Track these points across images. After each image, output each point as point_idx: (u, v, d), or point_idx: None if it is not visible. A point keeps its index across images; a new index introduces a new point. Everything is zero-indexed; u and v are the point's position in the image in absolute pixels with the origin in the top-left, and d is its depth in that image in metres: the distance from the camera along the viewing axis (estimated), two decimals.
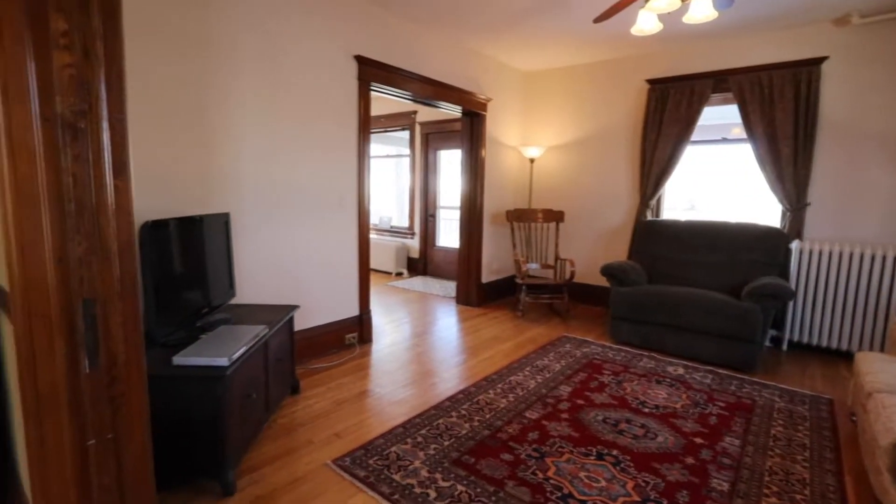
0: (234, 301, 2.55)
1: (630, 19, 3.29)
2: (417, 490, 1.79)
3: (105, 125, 1.12)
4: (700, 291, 3.34)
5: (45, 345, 1.08)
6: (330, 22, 3.08)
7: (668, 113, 4.15)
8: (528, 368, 3.06)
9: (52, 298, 1.07)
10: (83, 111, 1.08)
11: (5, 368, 1.56)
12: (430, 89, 3.93)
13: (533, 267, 4.63)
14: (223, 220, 2.35)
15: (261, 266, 2.81)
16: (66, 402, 1.11)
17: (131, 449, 1.21)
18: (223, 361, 1.67)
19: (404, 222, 6.62)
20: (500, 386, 2.77)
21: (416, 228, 6.38)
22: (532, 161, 5.12)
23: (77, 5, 1.06)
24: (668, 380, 2.92)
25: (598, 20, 2.80)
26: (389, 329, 3.93)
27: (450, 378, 2.92)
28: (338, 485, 1.84)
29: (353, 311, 3.43)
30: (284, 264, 2.95)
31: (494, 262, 5.02)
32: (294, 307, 2.48)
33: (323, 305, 3.20)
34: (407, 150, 6.49)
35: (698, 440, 2.22)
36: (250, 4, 2.64)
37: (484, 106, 4.56)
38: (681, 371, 3.08)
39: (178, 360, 1.69)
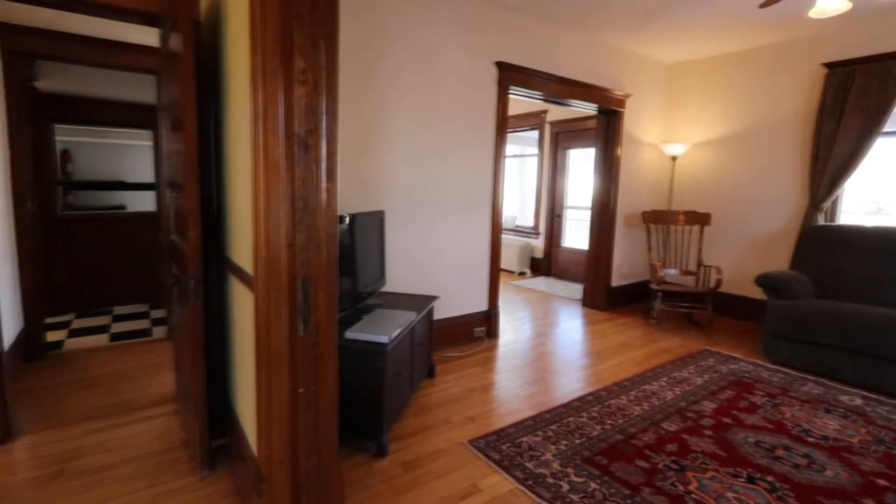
0: (382, 289, 2.90)
1: None
2: (550, 480, 1.87)
3: (324, 141, 1.42)
4: (892, 312, 2.81)
5: (276, 312, 1.41)
6: (473, 32, 3.29)
7: (851, 101, 3.56)
8: (663, 379, 2.92)
9: (283, 276, 1.40)
10: (311, 130, 1.39)
11: (231, 329, 2.03)
12: (566, 89, 3.93)
13: (671, 272, 4.34)
14: (379, 217, 2.70)
15: (403, 258, 3.14)
16: (287, 357, 1.43)
17: (326, 399, 1.51)
18: (384, 339, 1.95)
19: (528, 222, 6.67)
20: (632, 393, 2.70)
21: (542, 228, 6.38)
22: (674, 159, 4.78)
23: (312, 49, 1.36)
24: (842, 410, 2.54)
25: (764, 5, 2.54)
26: (514, 326, 4.04)
27: (576, 379, 2.93)
28: (473, 463, 2.02)
29: (482, 306, 3.62)
30: (423, 258, 3.25)
31: (625, 266, 4.81)
32: (434, 298, 2.74)
33: (455, 298, 3.44)
34: (534, 150, 6.52)
35: (881, 482, 1.92)
36: (404, 20, 2.95)
37: (622, 102, 4.40)
38: (858, 402, 2.65)
39: (349, 334, 2.02)
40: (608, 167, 4.52)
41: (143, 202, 5.72)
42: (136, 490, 1.81)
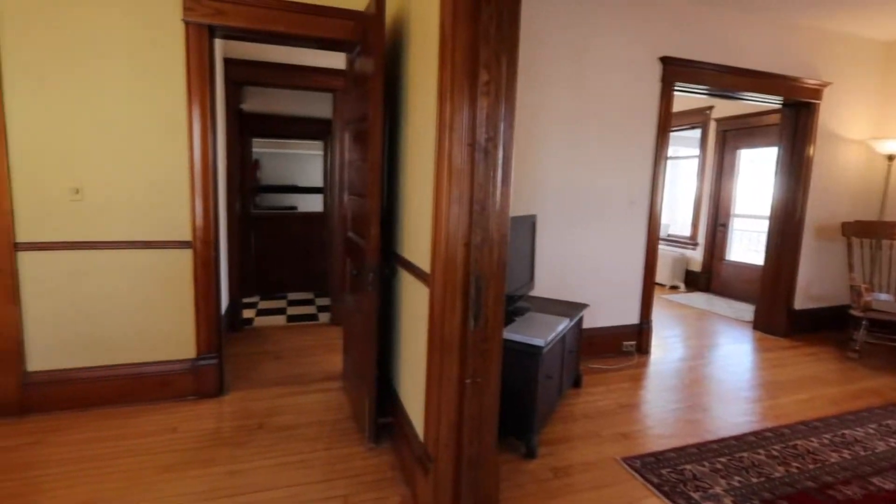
0: (531, 293, 2.97)
1: None
2: None
3: (501, 148, 1.55)
4: None
5: (450, 305, 1.58)
6: (634, 24, 3.18)
7: None
8: (871, 425, 2.46)
9: (459, 272, 1.56)
10: (491, 138, 1.53)
11: (398, 318, 2.30)
12: (742, 81, 3.55)
13: (882, 298, 3.61)
14: (531, 221, 2.78)
15: (551, 264, 3.17)
16: (458, 349, 1.59)
17: (489, 391, 1.64)
18: (540, 342, 2.02)
19: (685, 231, 6.13)
20: (826, 436, 2.33)
21: (701, 238, 5.81)
22: (890, 159, 3.96)
23: (495, 63, 1.50)
24: None
25: None
26: (667, 344, 3.77)
27: (746, 411, 2.63)
28: (629, 482, 1.97)
29: (632, 318, 3.47)
30: (572, 264, 3.24)
31: (814, 286, 4.13)
32: (584, 306, 2.72)
33: (603, 308, 3.35)
34: (692, 150, 5.98)
35: None
36: (557, 14, 2.98)
37: (816, 93, 3.80)
38: None
39: (506, 334, 2.13)
40: (795, 169, 3.95)
41: (312, 204, 6.70)
42: (317, 450, 2.17)
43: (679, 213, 6.41)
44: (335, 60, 3.94)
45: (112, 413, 2.47)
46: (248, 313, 4.39)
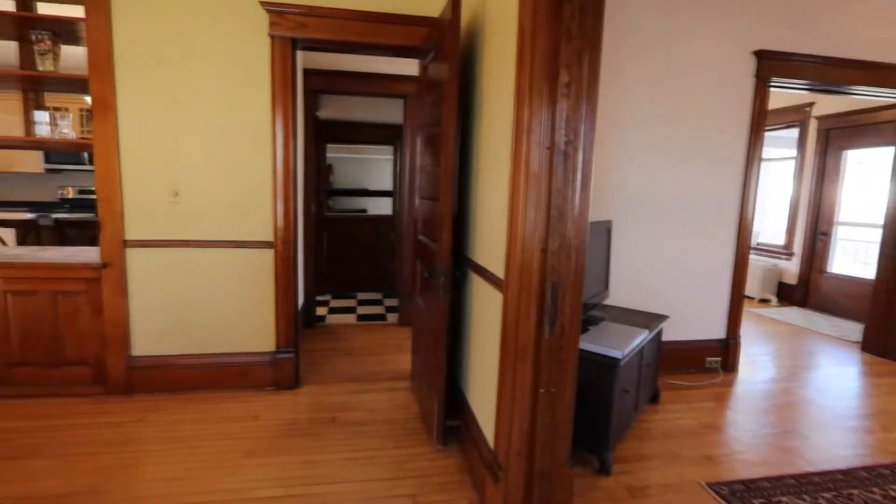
0: (605, 301, 2.86)
1: None
2: None
3: (581, 151, 1.50)
4: None
5: (525, 312, 1.55)
6: (727, 16, 2.96)
7: None
8: None
9: (534, 279, 1.53)
10: (570, 141, 1.49)
11: (467, 321, 2.31)
12: (851, 73, 3.19)
13: None
14: (606, 227, 2.67)
15: (627, 271, 3.03)
16: (532, 357, 1.56)
17: (563, 402, 1.59)
18: (618, 354, 1.94)
19: (777, 239, 5.62)
20: None
21: (797, 248, 5.30)
22: None
23: (577, 63, 1.47)
24: None
25: None
26: (756, 362, 3.47)
27: (856, 443, 2.35)
28: None
29: (717, 333, 3.23)
30: (650, 272, 3.08)
31: None
32: (664, 317, 2.57)
33: (684, 320, 3.15)
34: (789, 152, 5.47)
35: None
36: (640, 7, 2.84)
37: None
38: None
39: (581, 344, 2.06)
40: None
41: (381, 207, 6.93)
42: (386, 447, 2.22)
43: (771, 219, 5.89)
44: (406, 67, 4.05)
45: (201, 398, 2.69)
46: (320, 311, 4.61)
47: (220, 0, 2.60)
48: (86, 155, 5.77)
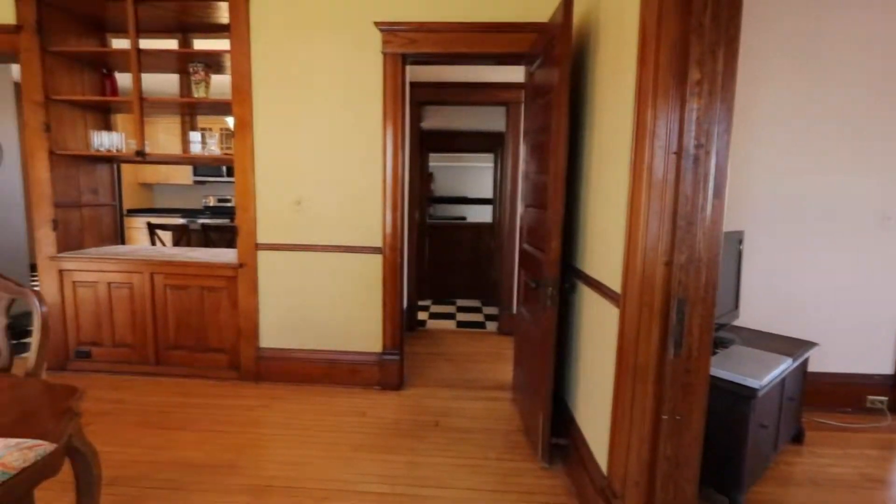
0: (735, 322, 2.57)
1: None
2: None
3: (713, 156, 1.36)
4: None
5: (646, 329, 1.45)
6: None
7: None
8: None
9: (657, 294, 1.42)
10: (701, 144, 1.36)
11: (575, 335, 2.21)
12: None
13: None
14: (737, 238, 2.40)
15: (762, 290, 2.69)
16: (653, 378, 1.44)
17: (690, 431, 1.44)
18: (755, 383, 1.72)
19: None
20: None
21: None
22: None
23: (710, 58, 1.34)
24: None
25: None
26: None
27: None
28: None
29: (883, 366, 2.71)
30: (789, 290, 2.69)
31: None
32: (812, 344, 2.23)
33: (836, 349, 2.70)
34: None
35: None
36: None
37: None
38: None
39: (710, 369, 1.86)
40: None
41: (481, 214, 6.99)
42: (489, 458, 2.20)
43: None
44: (509, 74, 4.04)
45: (316, 390, 2.92)
46: (421, 315, 4.76)
47: (337, 24, 2.82)
48: (224, 168, 6.64)
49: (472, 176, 7.36)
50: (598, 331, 1.85)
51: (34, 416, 1.23)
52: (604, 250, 1.82)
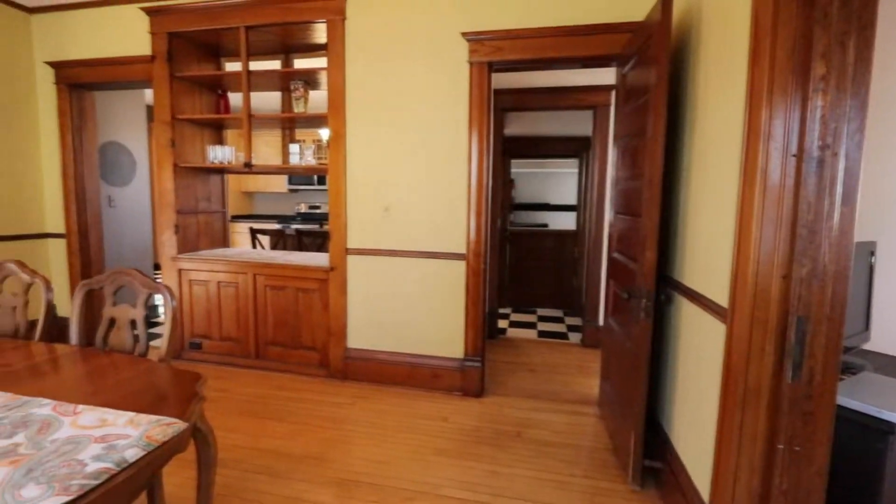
0: (865, 345, 2.27)
1: None
2: None
3: (842, 158, 1.23)
4: None
5: (758, 348, 1.33)
6: None
7: None
8: None
9: (772, 310, 1.31)
10: (827, 146, 1.24)
11: (672, 350, 2.09)
12: None
13: None
14: (868, 250, 2.12)
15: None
16: (766, 403, 1.33)
17: (812, 465, 1.30)
18: (893, 417, 1.51)
19: None
20: None
21: None
22: None
23: (838, 49, 1.21)
24: None
25: None
26: None
27: None
28: None
29: None
30: None
31: None
32: None
33: None
34: None
35: None
36: None
37: None
38: None
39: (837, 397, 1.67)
40: None
41: (563, 221, 6.83)
42: (575, 475, 2.14)
43: None
44: (597, 77, 3.93)
45: (398, 392, 3.02)
46: (501, 323, 4.75)
47: (425, 37, 2.93)
48: (315, 177, 7.13)
49: (555, 182, 7.22)
50: (699, 347, 1.73)
51: (167, 397, 1.42)
52: (706, 260, 1.71)
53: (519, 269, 5.59)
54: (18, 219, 3.73)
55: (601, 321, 3.94)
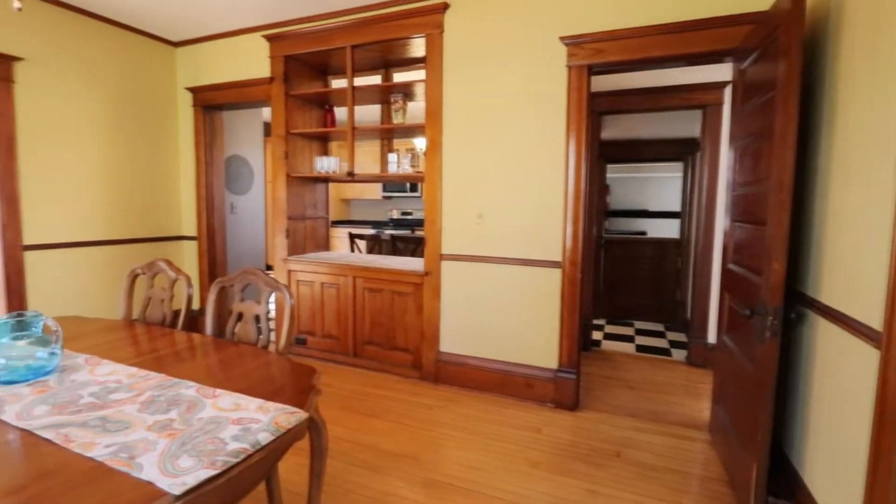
0: None
1: None
2: None
3: None
4: None
5: None
6: None
7: None
8: None
9: None
10: None
11: (803, 375, 1.87)
12: None
13: None
14: None
15: None
16: None
17: None
18: None
19: None
20: None
21: None
22: None
23: None
24: None
25: None
26: None
27: None
28: None
29: None
30: None
31: None
32: None
33: None
34: None
35: None
36: None
37: None
38: None
39: None
40: None
41: (664, 229, 6.41)
42: None
43: None
44: (707, 74, 3.64)
45: (489, 399, 3.02)
46: (595, 335, 4.56)
47: (522, 44, 2.93)
48: (408, 185, 7.41)
49: (655, 187, 6.80)
50: (841, 374, 1.52)
51: (286, 388, 1.55)
52: (850, 276, 1.50)
53: (614, 278, 5.34)
54: (161, 223, 4.32)
55: (711, 338, 3.63)
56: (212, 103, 4.22)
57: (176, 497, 0.92)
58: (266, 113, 5.44)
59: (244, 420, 1.21)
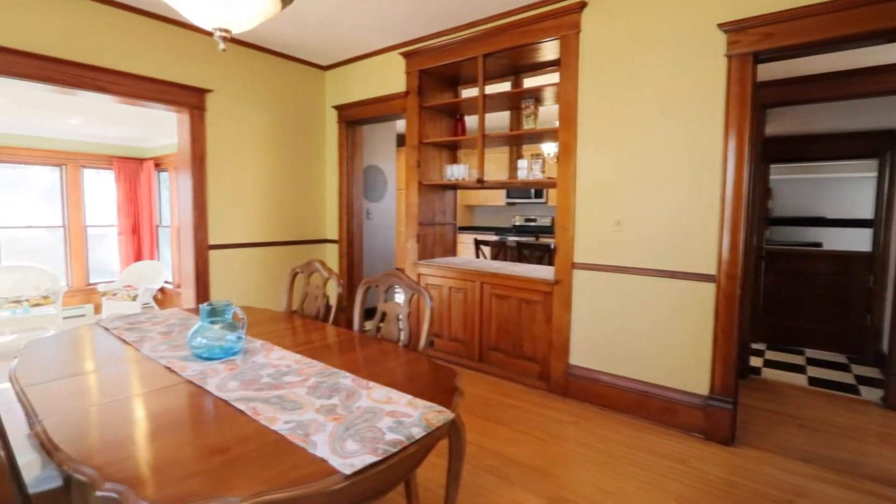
0: None
1: None
2: None
3: None
4: None
5: None
6: None
7: None
8: None
9: None
10: None
11: None
12: None
13: None
14: None
15: None
16: None
17: None
18: None
19: None
20: None
21: None
22: None
23: None
24: None
25: None
26: None
27: None
28: None
29: None
30: None
31: None
32: None
33: None
34: None
35: None
36: None
37: None
38: None
39: None
40: None
41: (847, 240, 5.46)
42: None
43: None
44: None
45: (624, 420, 2.85)
46: (754, 361, 4.04)
47: (670, 35, 2.74)
48: (532, 192, 7.36)
49: (834, 190, 5.80)
50: None
51: (430, 387, 1.64)
52: None
53: (778, 296, 4.67)
54: (310, 228, 4.89)
55: None
56: (354, 118, 4.66)
57: (346, 476, 1.03)
58: (399, 125, 5.85)
59: (396, 413, 1.31)
